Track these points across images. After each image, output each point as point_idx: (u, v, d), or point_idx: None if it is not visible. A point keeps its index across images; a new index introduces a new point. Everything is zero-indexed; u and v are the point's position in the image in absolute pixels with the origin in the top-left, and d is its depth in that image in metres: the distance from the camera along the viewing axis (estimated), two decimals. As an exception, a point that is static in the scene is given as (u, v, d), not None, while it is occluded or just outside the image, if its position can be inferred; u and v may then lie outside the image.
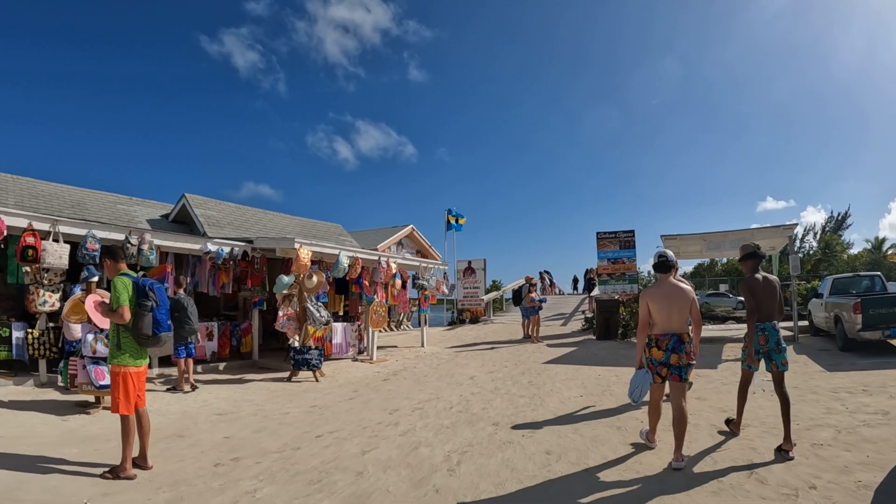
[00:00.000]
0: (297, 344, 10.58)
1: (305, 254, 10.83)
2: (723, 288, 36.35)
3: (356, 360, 12.85)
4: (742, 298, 26.70)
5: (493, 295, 24.43)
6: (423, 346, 15.38)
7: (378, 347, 14.95)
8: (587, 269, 23.24)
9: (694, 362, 4.97)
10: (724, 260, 53.54)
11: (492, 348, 14.44)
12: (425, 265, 15.45)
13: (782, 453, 4.82)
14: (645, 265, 36.30)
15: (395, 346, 15.55)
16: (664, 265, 5.12)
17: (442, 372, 10.83)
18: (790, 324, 16.39)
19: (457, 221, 23.01)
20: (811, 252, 49.03)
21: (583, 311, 21.63)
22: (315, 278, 10.70)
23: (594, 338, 15.17)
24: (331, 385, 9.77)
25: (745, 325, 5.90)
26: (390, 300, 14.13)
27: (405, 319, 22.62)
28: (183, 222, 15.72)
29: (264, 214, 17.50)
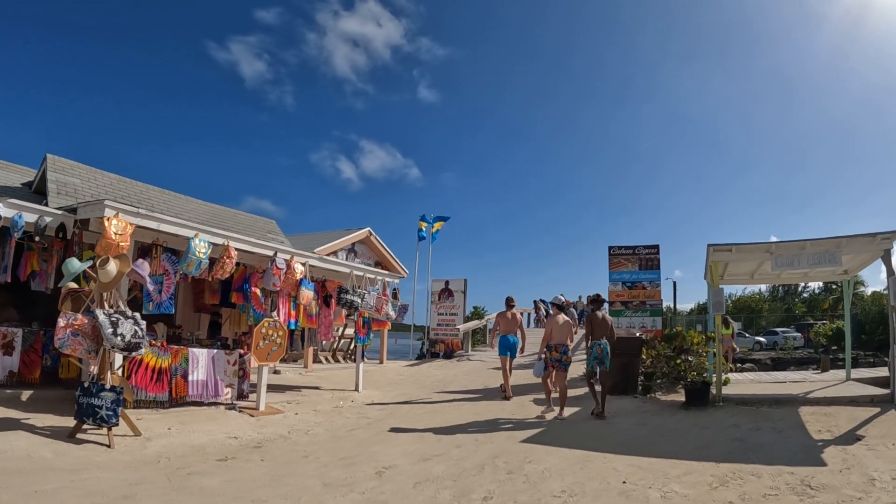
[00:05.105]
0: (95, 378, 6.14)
1: (118, 227, 6.32)
2: (736, 327, 31.90)
3: (234, 407, 8.17)
4: (759, 339, 23.68)
5: (473, 324, 19.58)
6: (357, 389, 10.65)
7: (289, 389, 10.29)
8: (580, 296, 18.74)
9: (569, 361, 8.40)
10: (737, 293, 48.65)
11: (451, 402, 9.74)
12: (359, 273, 10.62)
13: (597, 416, 7.75)
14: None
15: (318, 388, 10.82)
16: (560, 307, 8.92)
17: (342, 450, 6.15)
18: (879, 373, 11.82)
19: (431, 230, 18.54)
20: (817, 291, 44.67)
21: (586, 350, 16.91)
22: (112, 265, 6.10)
23: (603, 391, 10.50)
24: (117, 460, 5.35)
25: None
26: (302, 321, 9.44)
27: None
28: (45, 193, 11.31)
29: (160, 193, 12.88)
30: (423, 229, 18.92)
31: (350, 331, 15.94)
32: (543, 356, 8.45)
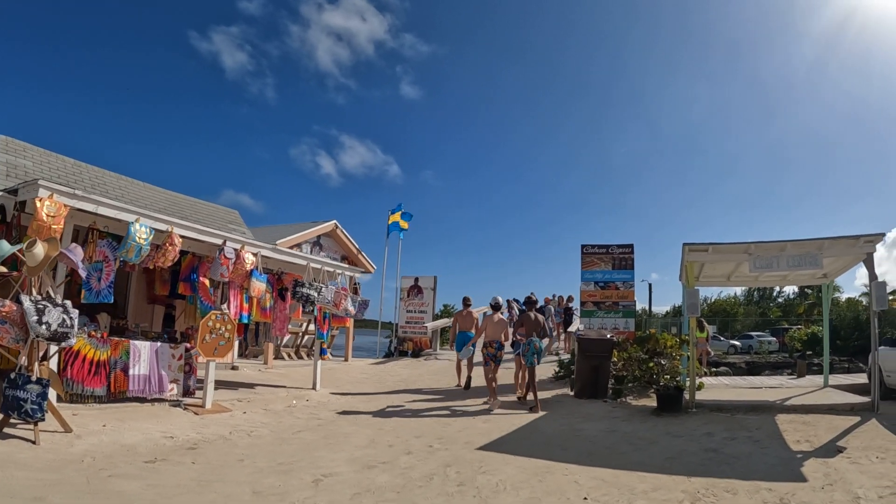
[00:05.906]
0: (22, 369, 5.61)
1: (51, 209, 5.80)
2: (712, 330, 31.85)
3: (179, 404, 7.61)
4: (734, 342, 23.62)
5: (441, 322, 19.05)
6: (315, 388, 10.12)
7: (244, 386, 9.74)
8: (555, 296, 18.36)
9: (502, 358, 9.16)
10: (713, 296, 48.70)
11: (413, 402, 9.28)
12: (316, 266, 10.03)
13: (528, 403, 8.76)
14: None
15: (274, 386, 10.27)
16: (496, 307, 9.57)
17: (283, 454, 5.65)
18: (855, 379, 11.58)
19: (400, 226, 18.11)
20: (792, 296, 44.68)
21: (556, 353, 16.52)
22: (39, 248, 5.58)
23: (571, 394, 10.09)
24: (40, 458, 4.86)
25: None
26: (255, 314, 8.90)
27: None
28: (-4, 176, 10.66)
29: (116, 179, 12.22)
30: (395, 223, 18.43)
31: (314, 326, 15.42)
32: (482, 351, 9.24)
